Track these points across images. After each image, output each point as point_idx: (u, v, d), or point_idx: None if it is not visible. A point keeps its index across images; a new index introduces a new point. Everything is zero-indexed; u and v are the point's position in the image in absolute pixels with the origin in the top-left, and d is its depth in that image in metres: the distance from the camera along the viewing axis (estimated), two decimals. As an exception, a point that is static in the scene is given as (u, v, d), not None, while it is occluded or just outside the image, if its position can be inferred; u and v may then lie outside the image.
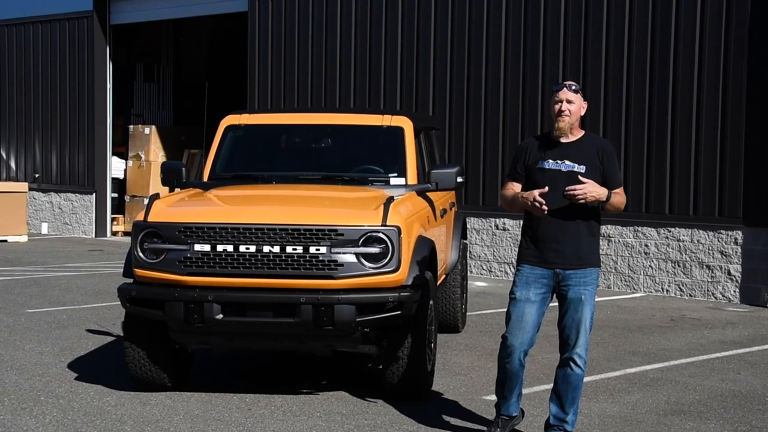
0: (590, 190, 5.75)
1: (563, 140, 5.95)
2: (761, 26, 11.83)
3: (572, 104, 5.90)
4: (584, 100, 6.04)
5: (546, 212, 5.78)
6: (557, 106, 5.91)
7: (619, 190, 5.97)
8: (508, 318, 6.01)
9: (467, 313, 10.27)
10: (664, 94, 12.49)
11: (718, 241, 12.10)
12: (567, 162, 5.89)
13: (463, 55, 14.23)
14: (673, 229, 12.46)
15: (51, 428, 6.47)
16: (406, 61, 14.80)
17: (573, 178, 5.84)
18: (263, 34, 16.50)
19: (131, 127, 19.84)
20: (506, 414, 6.15)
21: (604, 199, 5.82)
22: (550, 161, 5.92)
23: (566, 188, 5.75)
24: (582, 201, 5.75)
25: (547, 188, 5.79)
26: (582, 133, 6.03)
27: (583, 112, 6.01)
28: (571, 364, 5.96)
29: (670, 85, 12.46)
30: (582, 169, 5.86)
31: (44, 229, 20.13)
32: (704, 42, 12.20)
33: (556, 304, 6.08)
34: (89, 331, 9.66)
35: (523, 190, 5.98)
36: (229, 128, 8.60)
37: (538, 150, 5.99)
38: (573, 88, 5.94)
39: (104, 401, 7.09)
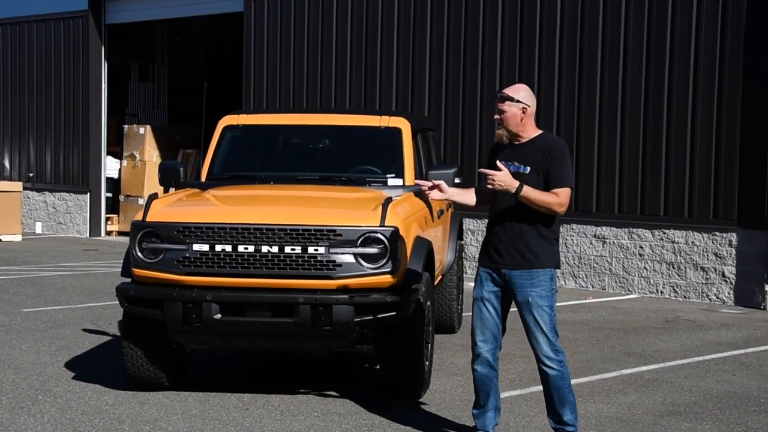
0: (500, 178, 5.76)
1: (516, 142, 6.00)
2: (757, 30, 11.87)
3: (504, 112, 5.95)
4: (525, 103, 5.92)
5: (493, 183, 5.79)
6: (495, 117, 6.04)
7: (559, 191, 5.82)
8: (472, 319, 6.08)
9: (463, 314, 10.29)
10: (659, 95, 12.53)
11: (713, 242, 12.14)
12: (515, 163, 5.93)
13: (459, 55, 14.26)
14: (667, 231, 12.50)
15: (49, 427, 6.48)
16: (402, 61, 14.82)
17: (518, 179, 5.84)
18: (259, 35, 16.51)
19: (126, 126, 19.83)
20: (483, 429, 6.09)
21: (513, 192, 5.77)
22: (503, 163, 5.96)
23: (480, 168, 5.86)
24: (490, 186, 5.79)
25: (498, 163, 5.83)
26: (537, 133, 6.03)
27: (523, 114, 5.93)
28: (542, 366, 5.95)
29: (665, 87, 12.50)
30: (527, 170, 5.90)
31: (38, 228, 20.11)
32: (700, 44, 12.24)
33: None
34: (86, 330, 9.66)
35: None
36: (227, 128, 8.62)
37: (496, 152, 6.07)
38: (503, 96, 5.96)
39: (102, 400, 7.10)
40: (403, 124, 8.48)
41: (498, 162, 5.85)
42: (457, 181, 7.97)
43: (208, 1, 17.82)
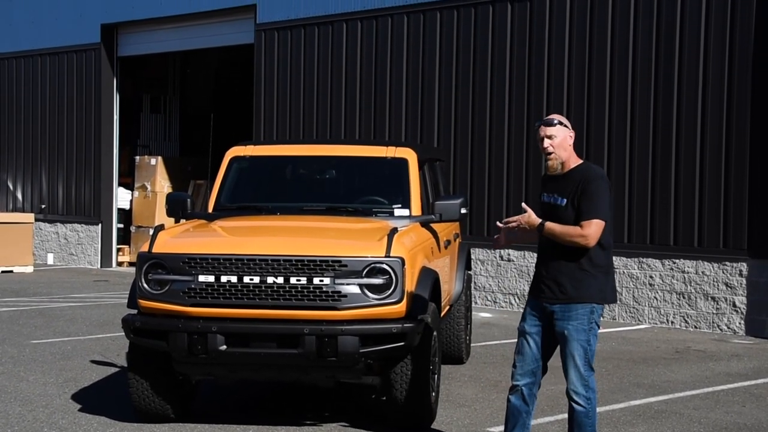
0: (525, 219, 5.86)
1: (559, 173, 5.95)
2: (765, 56, 11.87)
3: (555, 138, 5.86)
4: (571, 129, 5.95)
5: (518, 224, 5.90)
6: (541, 145, 5.91)
7: (585, 223, 5.77)
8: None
9: (472, 344, 10.25)
10: (668, 125, 12.53)
11: (723, 272, 12.08)
12: (556, 195, 5.92)
13: (468, 86, 14.30)
14: (677, 261, 12.45)
15: (54, 459, 6.47)
16: (411, 93, 14.87)
17: (554, 211, 5.88)
18: (269, 66, 16.60)
19: (137, 157, 19.94)
20: None
21: (536, 229, 5.83)
22: (545, 195, 5.97)
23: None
24: (515, 227, 5.89)
25: (523, 204, 5.97)
26: (578, 163, 5.96)
27: (571, 141, 5.93)
28: (569, 400, 5.89)
29: (674, 115, 12.49)
30: (563, 202, 5.86)
31: (50, 259, 20.17)
32: (708, 72, 12.24)
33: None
34: (93, 362, 9.65)
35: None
36: (234, 160, 8.64)
37: (543, 183, 6.09)
38: (554, 122, 5.90)
39: (107, 432, 7.09)
40: (410, 155, 8.49)
41: (522, 204, 5.94)
42: (463, 211, 7.98)
43: (220, 33, 17.94)
